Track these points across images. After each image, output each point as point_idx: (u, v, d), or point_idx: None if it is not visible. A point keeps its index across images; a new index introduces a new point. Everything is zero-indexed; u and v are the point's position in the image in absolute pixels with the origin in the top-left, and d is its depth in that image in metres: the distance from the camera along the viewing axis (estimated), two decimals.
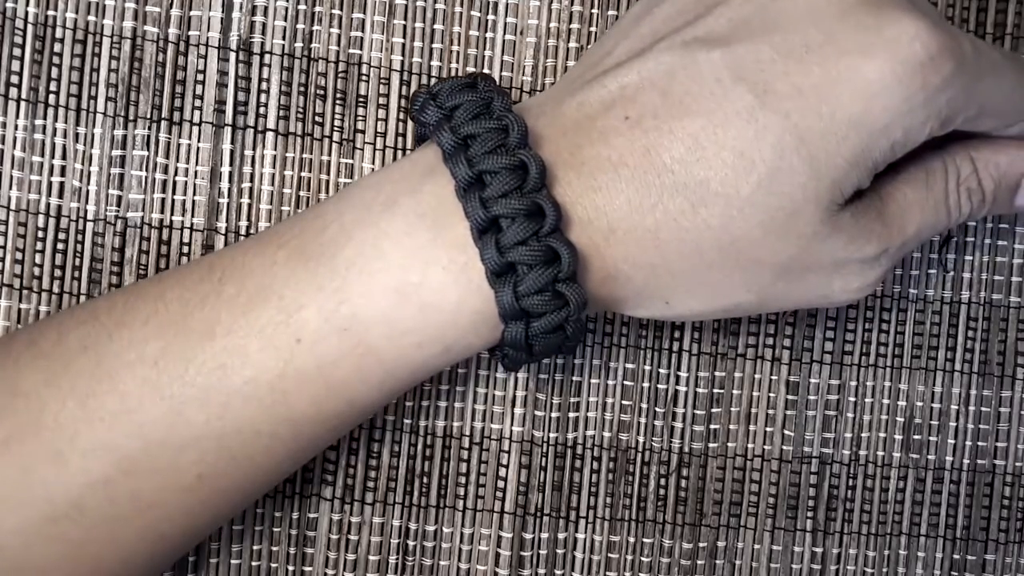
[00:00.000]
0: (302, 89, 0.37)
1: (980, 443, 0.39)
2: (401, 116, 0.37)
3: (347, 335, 0.29)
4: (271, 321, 0.29)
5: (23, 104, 0.36)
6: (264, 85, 0.37)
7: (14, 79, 0.36)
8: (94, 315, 0.30)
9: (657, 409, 0.38)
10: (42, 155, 0.36)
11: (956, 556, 0.40)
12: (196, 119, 0.37)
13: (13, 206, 0.36)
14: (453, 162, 0.29)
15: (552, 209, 0.29)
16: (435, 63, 0.38)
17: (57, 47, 0.36)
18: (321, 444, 0.32)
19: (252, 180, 0.37)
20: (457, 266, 0.29)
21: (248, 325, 0.29)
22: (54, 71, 0.36)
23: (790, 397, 0.39)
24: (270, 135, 0.37)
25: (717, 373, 0.39)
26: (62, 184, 0.36)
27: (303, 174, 0.37)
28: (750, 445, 0.39)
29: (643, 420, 0.38)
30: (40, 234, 0.36)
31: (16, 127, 0.36)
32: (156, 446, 0.29)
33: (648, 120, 0.30)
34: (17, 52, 0.36)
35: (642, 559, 0.39)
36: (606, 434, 0.38)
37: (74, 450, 0.29)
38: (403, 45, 0.38)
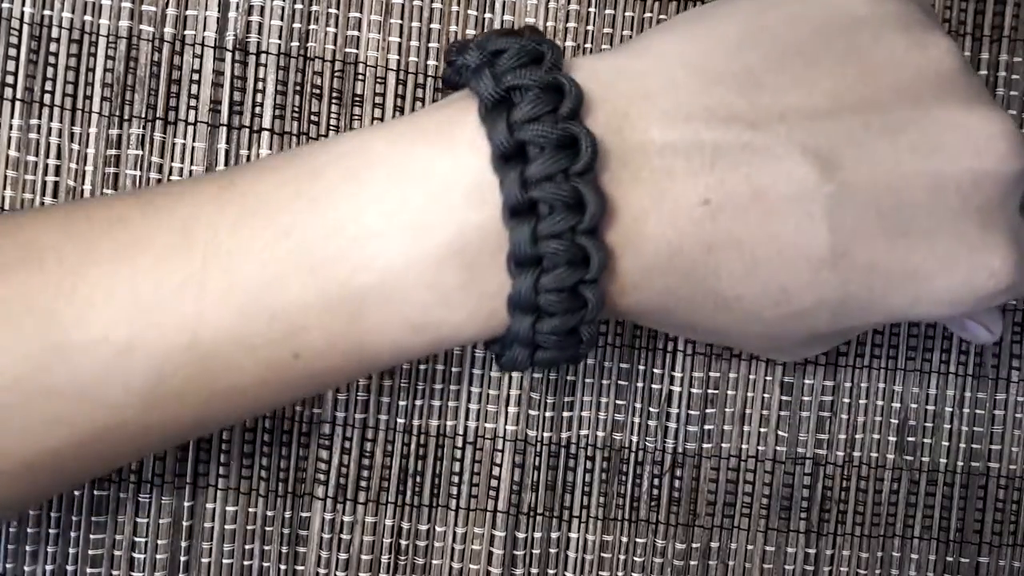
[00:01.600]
0: (298, 88, 0.37)
1: (974, 445, 0.39)
2: (397, 115, 0.38)
3: (350, 358, 0.28)
4: (263, 334, 0.27)
5: (18, 104, 0.36)
6: (260, 85, 0.37)
7: (9, 79, 0.36)
8: (39, 255, 0.26)
9: (651, 409, 0.38)
10: (37, 155, 0.36)
11: (949, 558, 0.39)
12: (191, 119, 0.37)
13: (8, 206, 0.36)
14: (490, 127, 0.26)
15: (596, 205, 0.26)
16: (432, 62, 0.38)
17: (53, 47, 0.36)
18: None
19: None
20: (461, 297, 0.27)
21: (237, 335, 0.26)
22: (49, 71, 0.36)
23: (784, 398, 0.39)
24: (265, 135, 0.37)
25: (712, 373, 0.39)
26: (56, 184, 0.36)
27: None
28: (744, 446, 0.39)
29: (637, 420, 0.38)
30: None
31: (11, 127, 0.36)
32: (127, 425, 0.27)
33: (726, 218, 0.27)
34: (12, 52, 0.36)
35: (635, 559, 0.39)
36: (600, 434, 0.38)
37: (28, 418, 0.26)
38: (400, 44, 0.38)
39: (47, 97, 0.36)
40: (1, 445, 0.26)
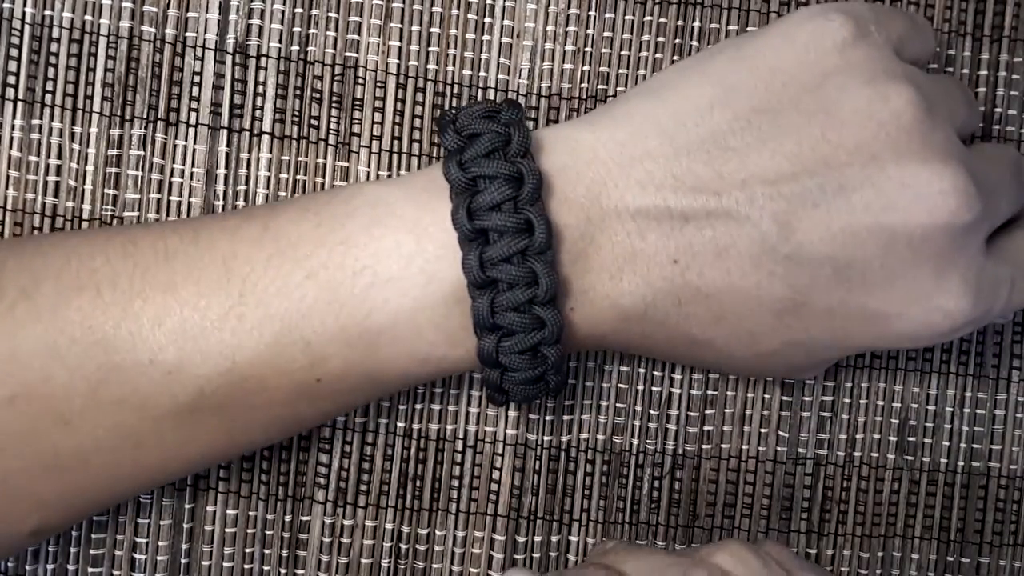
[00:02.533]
0: (298, 92, 0.37)
1: (975, 445, 0.39)
2: (397, 120, 0.38)
3: (365, 381, 0.31)
4: (293, 361, 0.30)
5: (19, 104, 0.36)
6: (260, 88, 0.37)
7: (11, 79, 0.36)
8: (95, 284, 0.30)
9: (651, 412, 0.38)
10: (38, 155, 0.36)
11: (950, 558, 0.39)
12: (192, 120, 0.37)
13: (10, 206, 0.36)
14: (455, 211, 0.29)
15: (548, 282, 0.29)
16: (431, 66, 0.38)
17: (54, 47, 0.36)
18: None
19: (247, 183, 0.37)
20: (463, 338, 0.30)
21: (271, 362, 0.30)
22: (50, 71, 0.36)
23: (784, 398, 0.39)
24: (265, 138, 0.37)
25: (711, 375, 0.39)
26: (58, 183, 0.36)
27: (298, 177, 0.37)
28: (744, 447, 0.39)
29: (637, 423, 0.38)
30: (36, 233, 0.36)
31: (13, 127, 0.36)
32: (167, 432, 0.30)
33: (693, 275, 0.30)
34: (14, 52, 0.36)
35: None
36: (600, 437, 0.38)
37: (83, 422, 0.29)
38: (399, 48, 0.38)
39: (48, 97, 0.36)
40: (67, 439, 0.30)
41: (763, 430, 0.39)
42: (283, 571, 0.37)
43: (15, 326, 0.29)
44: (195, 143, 0.37)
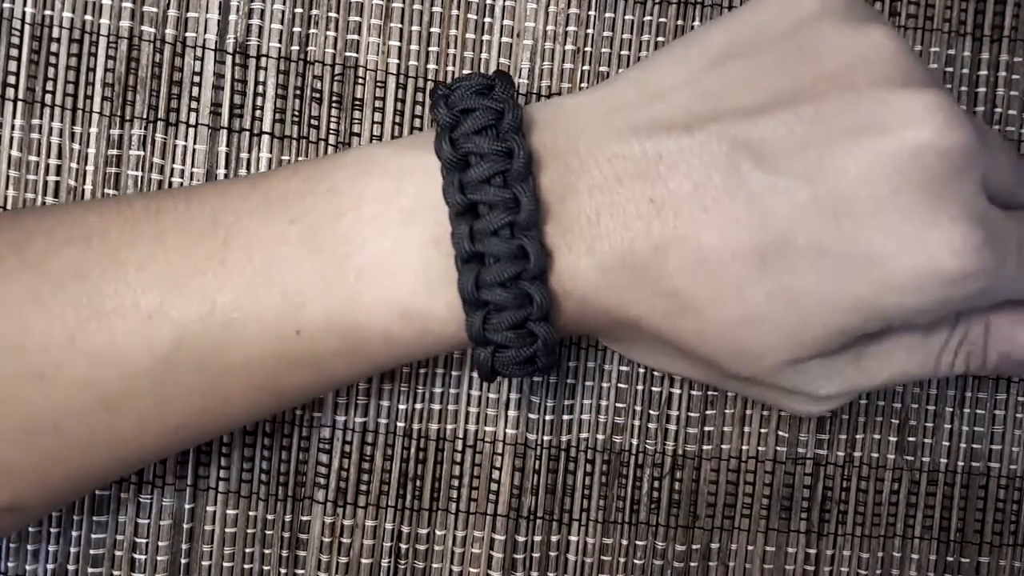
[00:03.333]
0: (298, 92, 0.37)
1: (975, 445, 0.39)
2: (397, 119, 0.38)
3: (346, 339, 0.30)
4: (272, 306, 0.29)
5: (19, 104, 0.36)
6: (260, 88, 0.37)
7: (11, 79, 0.36)
8: (86, 236, 0.30)
9: (651, 411, 0.38)
10: (38, 155, 0.36)
11: (950, 558, 0.39)
12: (192, 121, 0.37)
13: (10, 205, 0.36)
14: (446, 187, 0.29)
15: (537, 256, 0.29)
16: (431, 66, 0.38)
17: (54, 47, 0.36)
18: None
19: None
20: (442, 285, 0.29)
21: (250, 306, 0.29)
22: (50, 71, 0.36)
23: None
24: (265, 138, 0.37)
25: None
26: (58, 183, 0.36)
27: None
28: (744, 446, 0.39)
29: (637, 422, 0.38)
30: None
31: (13, 127, 0.36)
32: (142, 394, 0.29)
33: (670, 214, 0.29)
34: (14, 52, 0.36)
35: (635, 561, 0.38)
36: (600, 436, 0.38)
37: (57, 378, 0.29)
38: (399, 48, 0.38)
39: (48, 97, 0.36)
40: (41, 399, 0.29)
41: (763, 430, 0.39)
42: (283, 571, 0.37)
43: (1, 279, 0.29)
44: (195, 143, 0.37)
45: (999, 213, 0.29)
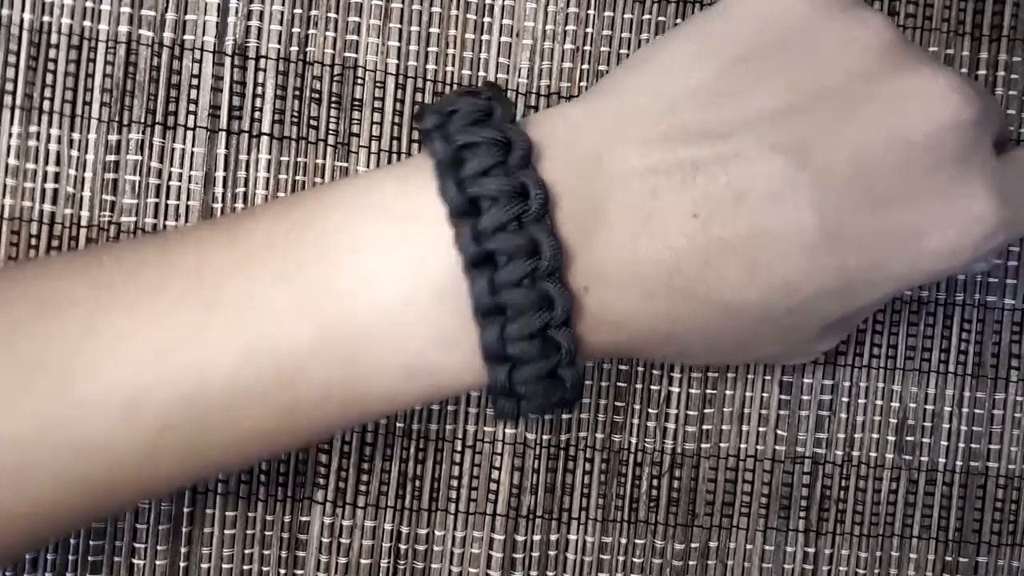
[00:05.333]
0: (297, 93, 0.37)
1: (973, 445, 0.39)
2: (396, 120, 0.38)
3: (347, 407, 0.28)
4: (262, 382, 0.27)
5: (17, 111, 0.36)
6: (259, 89, 0.37)
7: (9, 86, 0.36)
8: (56, 307, 0.27)
9: (650, 410, 0.38)
10: (36, 162, 0.36)
11: (948, 558, 0.39)
12: (191, 124, 0.37)
13: (7, 215, 0.36)
14: (458, 237, 0.27)
15: (564, 304, 0.27)
16: (431, 66, 0.38)
17: (52, 53, 0.36)
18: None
19: (247, 185, 0.37)
20: (457, 339, 0.28)
21: (240, 382, 0.27)
22: (49, 77, 0.36)
23: (783, 397, 0.39)
24: (264, 139, 0.37)
25: (710, 373, 0.39)
26: (56, 191, 0.36)
27: (298, 178, 0.37)
28: (743, 445, 0.39)
29: (636, 421, 0.38)
30: (33, 241, 0.36)
31: (10, 134, 0.36)
32: (127, 483, 0.28)
33: (716, 227, 0.28)
34: (12, 59, 0.36)
35: (634, 560, 0.39)
36: (599, 435, 0.38)
37: (31, 475, 0.27)
38: (399, 48, 0.38)
39: (46, 104, 0.36)
40: (14, 500, 0.27)
41: (762, 429, 0.39)
42: (282, 572, 0.38)
43: None
44: (193, 146, 0.37)
45: (1004, 163, 0.31)
